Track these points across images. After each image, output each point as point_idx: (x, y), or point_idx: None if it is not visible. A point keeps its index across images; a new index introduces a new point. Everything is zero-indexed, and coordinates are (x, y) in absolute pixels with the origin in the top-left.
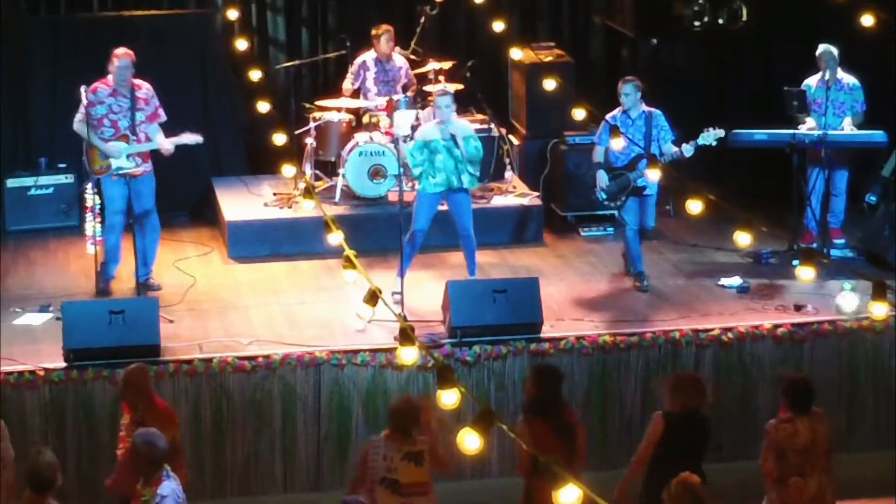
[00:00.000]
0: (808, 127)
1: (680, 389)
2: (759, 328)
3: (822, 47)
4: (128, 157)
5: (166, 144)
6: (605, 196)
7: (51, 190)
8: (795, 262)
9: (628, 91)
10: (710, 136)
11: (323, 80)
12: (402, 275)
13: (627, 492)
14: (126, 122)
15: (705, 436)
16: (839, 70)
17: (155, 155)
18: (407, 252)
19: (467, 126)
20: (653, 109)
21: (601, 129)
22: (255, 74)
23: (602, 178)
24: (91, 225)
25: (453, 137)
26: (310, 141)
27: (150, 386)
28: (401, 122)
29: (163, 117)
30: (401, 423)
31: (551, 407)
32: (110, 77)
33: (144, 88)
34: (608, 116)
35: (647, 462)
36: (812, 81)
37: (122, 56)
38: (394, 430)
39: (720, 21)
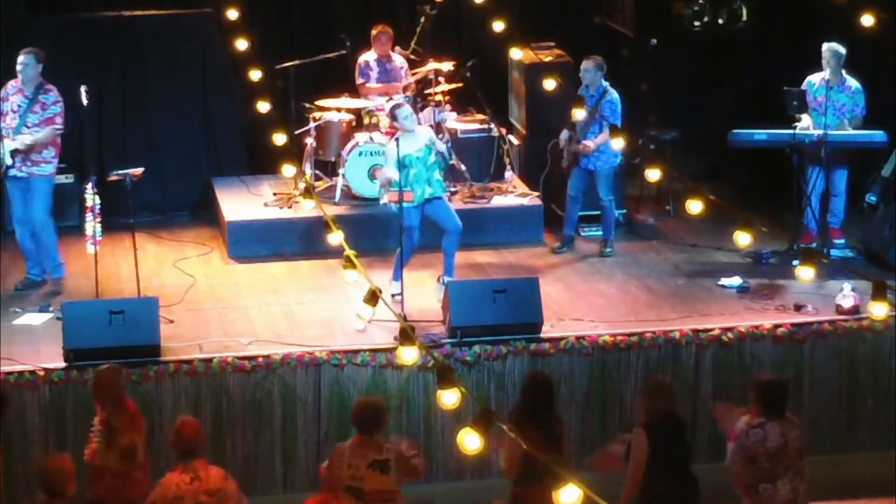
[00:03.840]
0: (803, 125)
1: (647, 396)
2: (759, 328)
3: (826, 45)
4: (11, 155)
5: (24, 139)
6: (563, 154)
7: None
8: (795, 262)
9: (587, 68)
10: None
11: (323, 80)
12: (398, 277)
13: None
14: (19, 122)
15: (684, 436)
16: (843, 71)
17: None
18: (405, 253)
19: (430, 131)
20: (610, 90)
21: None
22: (255, 74)
23: (565, 136)
24: (91, 225)
25: (430, 147)
26: (310, 141)
27: (120, 388)
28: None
29: (58, 125)
30: (365, 425)
31: (539, 415)
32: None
33: (52, 94)
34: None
35: (641, 478)
36: (815, 79)
37: (24, 53)
38: (361, 433)
39: (720, 21)
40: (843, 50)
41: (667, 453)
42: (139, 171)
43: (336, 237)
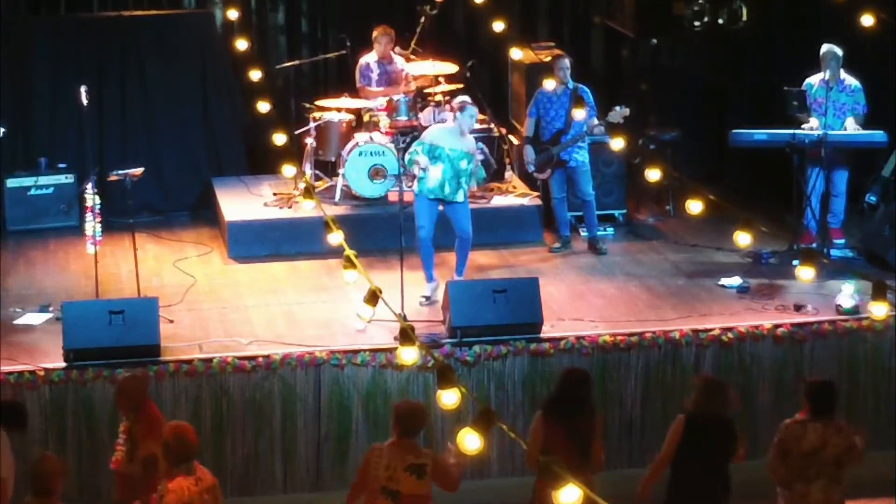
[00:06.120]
0: (811, 126)
1: (702, 392)
2: (759, 328)
3: (825, 47)
4: None
5: None
6: (533, 168)
7: (51, 190)
8: (795, 262)
9: (567, 66)
10: (616, 115)
11: (323, 80)
12: (430, 279)
13: (650, 492)
14: None
15: (728, 439)
16: (842, 71)
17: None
18: (426, 254)
19: (473, 146)
20: (579, 85)
21: (531, 102)
22: (255, 74)
23: (529, 152)
24: (91, 225)
25: (468, 155)
26: (310, 141)
27: (143, 395)
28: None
29: None
30: (408, 427)
31: (569, 410)
32: None
33: None
34: (547, 90)
35: (670, 463)
36: (814, 80)
37: None
38: (400, 435)
39: (720, 21)
40: (840, 51)
41: (700, 448)
42: (139, 171)
43: (336, 237)
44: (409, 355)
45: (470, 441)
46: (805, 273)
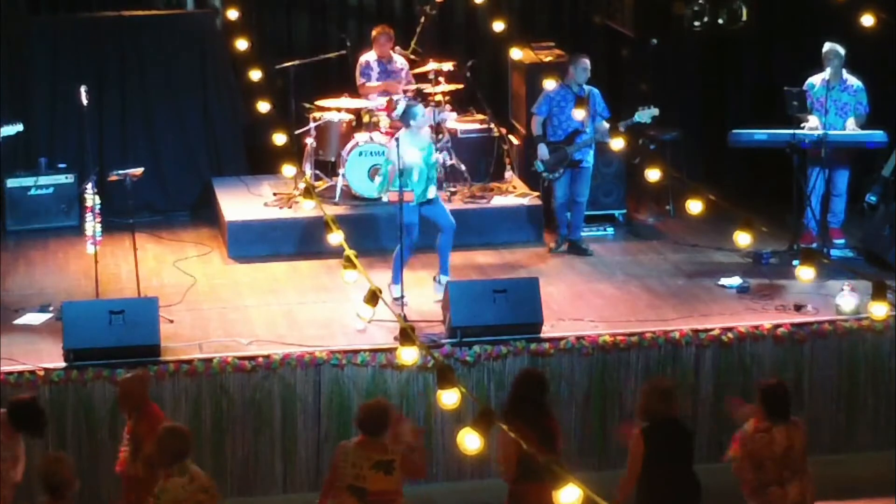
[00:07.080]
0: (811, 126)
1: (647, 400)
2: (759, 328)
3: (827, 45)
4: None
5: None
6: (542, 167)
7: (51, 190)
8: (795, 262)
9: (587, 67)
10: (645, 115)
11: (323, 80)
12: (398, 280)
13: None
14: None
15: (687, 440)
16: (844, 71)
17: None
18: (405, 251)
19: (429, 135)
20: (591, 87)
21: (541, 101)
22: (255, 74)
23: (543, 150)
24: (91, 225)
25: (432, 145)
26: (310, 141)
27: (144, 396)
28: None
29: None
30: (371, 427)
31: (528, 411)
32: None
33: None
34: (549, 90)
35: (638, 477)
36: (816, 80)
37: None
38: (365, 434)
39: (720, 21)
40: (842, 50)
41: (664, 455)
42: (139, 171)
43: (336, 237)
44: (409, 355)
45: (470, 441)
46: (805, 273)
